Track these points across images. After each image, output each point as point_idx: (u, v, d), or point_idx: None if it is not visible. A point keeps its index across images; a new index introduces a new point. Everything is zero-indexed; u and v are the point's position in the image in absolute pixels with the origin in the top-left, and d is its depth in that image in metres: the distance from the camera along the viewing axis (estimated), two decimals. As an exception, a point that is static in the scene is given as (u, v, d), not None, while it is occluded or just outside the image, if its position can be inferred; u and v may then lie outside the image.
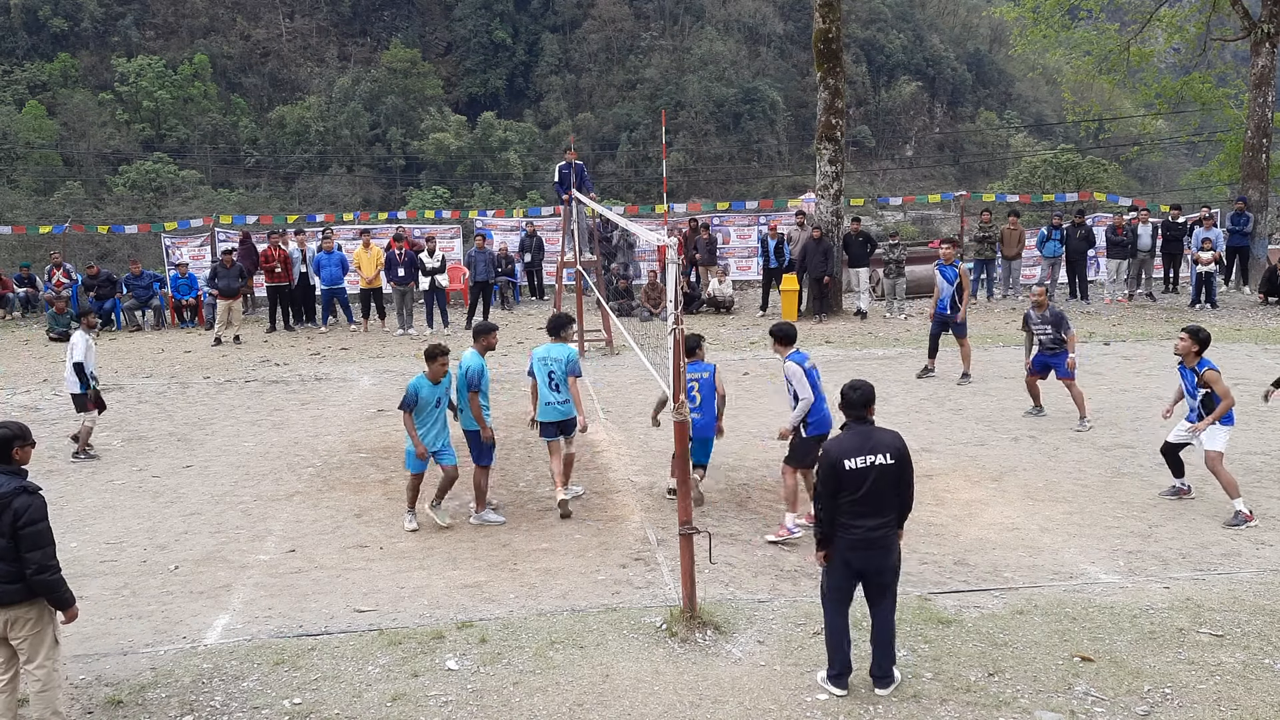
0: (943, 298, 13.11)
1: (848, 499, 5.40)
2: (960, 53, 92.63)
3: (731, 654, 6.09)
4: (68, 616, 5.32)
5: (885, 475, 5.40)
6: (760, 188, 66.12)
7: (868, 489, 5.37)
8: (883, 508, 5.43)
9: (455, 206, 45.12)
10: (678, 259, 6.22)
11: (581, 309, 15.22)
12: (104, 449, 11.08)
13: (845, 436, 5.54)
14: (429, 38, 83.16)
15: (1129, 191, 43.61)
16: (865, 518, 5.40)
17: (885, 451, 5.42)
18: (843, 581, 5.55)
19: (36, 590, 5.12)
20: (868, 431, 5.52)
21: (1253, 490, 8.80)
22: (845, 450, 5.43)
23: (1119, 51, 24.06)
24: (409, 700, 5.67)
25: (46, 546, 5.11)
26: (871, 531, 5.41)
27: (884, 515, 5.44)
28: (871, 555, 5.46)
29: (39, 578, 5.09)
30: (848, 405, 5.61)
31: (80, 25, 73.87)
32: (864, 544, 5.42)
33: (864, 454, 5.40)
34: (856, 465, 5.38)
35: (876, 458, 5.39)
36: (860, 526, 5.41)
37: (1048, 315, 11.12)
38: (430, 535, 8.26)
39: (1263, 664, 5.85)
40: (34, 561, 5.06)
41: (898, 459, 5.44)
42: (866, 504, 5.39)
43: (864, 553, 5.45)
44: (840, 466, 5.40)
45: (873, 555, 5.46)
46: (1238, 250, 20.27)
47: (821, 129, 18.79)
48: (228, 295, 17.41)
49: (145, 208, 53.29)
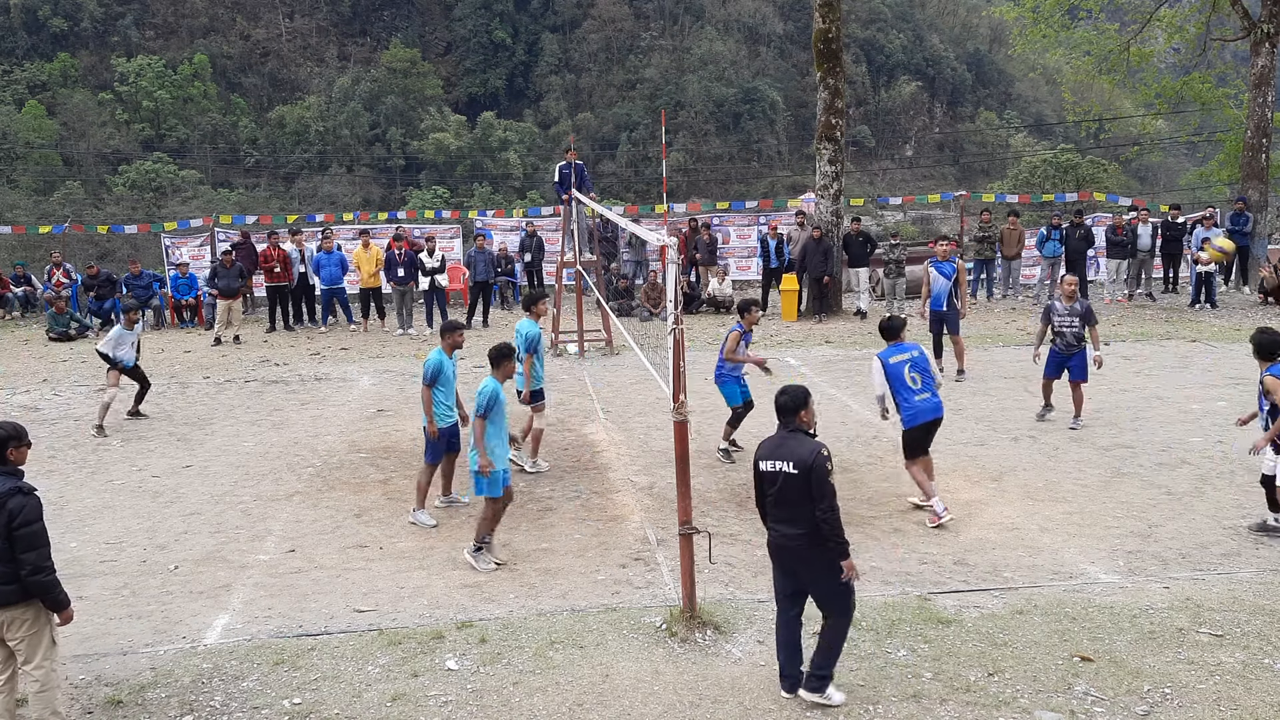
0: (938, 294, 12.91)
1: (767, 500, 5.58)
2: (960, 53, 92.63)
3: (731, 654, 6.10)
4: (63, 618, 5.28)
5: (790, 484, 5.43)
6: (760, 188, 66.13)
7: (777, 493, 5.49)
8: (795, 517, 5.43)
9: (455, 206, 45.13)
10: (678, 259, 6.22)
11: (581, 309, 15.23)
12: (104, 449, 11.08)
13: (769, 439, 5.68)
14: (429, 38, 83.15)
15: (1129, 191, 43.63)
16: (781, 522, 5.51)
17: (789, 460, 5.44)
18: (778, 580, 5.66)
19: (31, 591, 5.10)
20: (784, 438, 5.59)
21: (1252, 490, 8.79)
22: (763, 452, 5.62)
23: (1119, 51, 24.06)
24: (409, 700, 5.67)
25: (41, 548, 5.08)
26: (786, 538, 5.49)
27: (797, 525, 5.42)
28: (785, 561, 5.55)
29: (34, 579, 5.06)
30: (778, 410, 5.68)
31: (80, 25, 73.87)
32: (780, 547, 5.54)
33: (775, 459, 5.51)
34: (767, 468, 5.53)
35: (783, 465, 5.46)
36: (777, 529, 5.54)
37: (1076, 308, 10.79)
38: (430, 535, 8.26)
39: (1262, 664, 5.86)
40: (29, 563, 5.03)
41: (800, 470, 5.39)
42: (780, 508, 5.50)
43: (779, 555, 5.57)
44: (757, 466, 5.60)
45: (787, 561, 5.54)
46: (1238, 250, 20.25)
47: (821, 129, 18.79)
48: (228, 295, 17.41)
49: (145, 208, 53.29)
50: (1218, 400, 11.91)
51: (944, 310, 12.98)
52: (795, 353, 15.38)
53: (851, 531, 8.04)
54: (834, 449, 10.23)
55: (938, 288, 12.92)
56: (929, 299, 13.02)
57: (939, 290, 12.92)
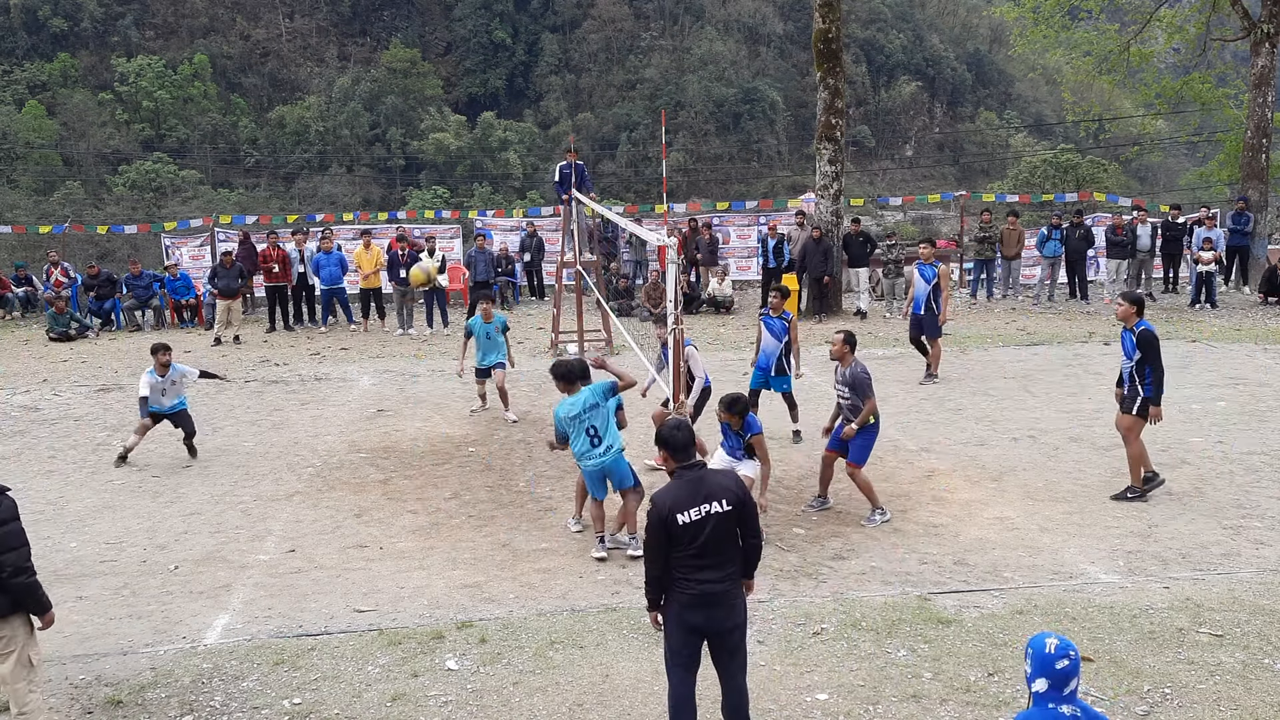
0: (917, 297, 12.90)
1: (682, 553, 4.79)
2: (960, 53, 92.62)
3: (731, 654, 6.09)
4: (45, 622, 5.10)
5: (722, 524, 4.80)
6: (760, 188, 66.10)
7: (704, 541, 4.76)
8: (723, 560, 4.83)
9: (455, 206, 45.09)
10: (678, 259, 6.21)
11: (581, 309, 15.22)
12: (104, 449, 11.08)
13: (674, 486, 4.88)
14: (429, 38, 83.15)
15: (1129, 191, 43.61)
16: (705, 570, 4.79)
17: (721, 498, 4.80)
18: (682, 645, 4.89)
19: (13, 593, 4.89)
20: (699, 478, 4.87)
21: (1252, 490, 8.81)
22: (678, 502, 4.78)
23: (1119, 52, 24.05)
24: (409, 700, 5.67)
25: (21, 548, 4.90)
26: (713, 585, 4.80)
27: (725, 568, 4.84)
28: (714, 613, 4.83)
29: (15, 581, 4.86)
30: (671, 448, 4.96)
31: (80, 25, 73.87)
32: (703, 600, 4.80)
33: (698, 504, 4.78)
34: (692, 518, 4.76)
35: (712, 506, 4.78)
36: (700, 582, 4.79)
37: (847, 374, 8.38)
38: (430, 535, 8.26)
39: (1262, 664, 5.85)
40: (9, 564, 4.84)
41: (735, 504, 4.83)
42: (705, 557, 4.78)
43: (705, 610, 4.82)
44: (672, 521, 4.74)
45: (715, 613, 4.83)
46: (1238, 250, 20.27)
47: (821, 129, 18.79)
48: (228, 295, 17.41)
49: (145, 208, 53.26)
50: (1218, 400, 11.91)
51: (921, 314, 12.98)
52: (795, 353, 15.37)
53: (851, 532, 8.08)
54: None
55: (918, 291, 12.92)
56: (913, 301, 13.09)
57: (918, 294, 12.91)
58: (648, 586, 5.00)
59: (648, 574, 4.97)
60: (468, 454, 10.51)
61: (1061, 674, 3.48)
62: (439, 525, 8.45)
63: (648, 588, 5.00)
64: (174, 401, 10.52)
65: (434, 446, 10.78)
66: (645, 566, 4.99)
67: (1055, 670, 3.48)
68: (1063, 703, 3.48)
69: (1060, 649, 3.49)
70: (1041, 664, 3.50)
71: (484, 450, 10.62)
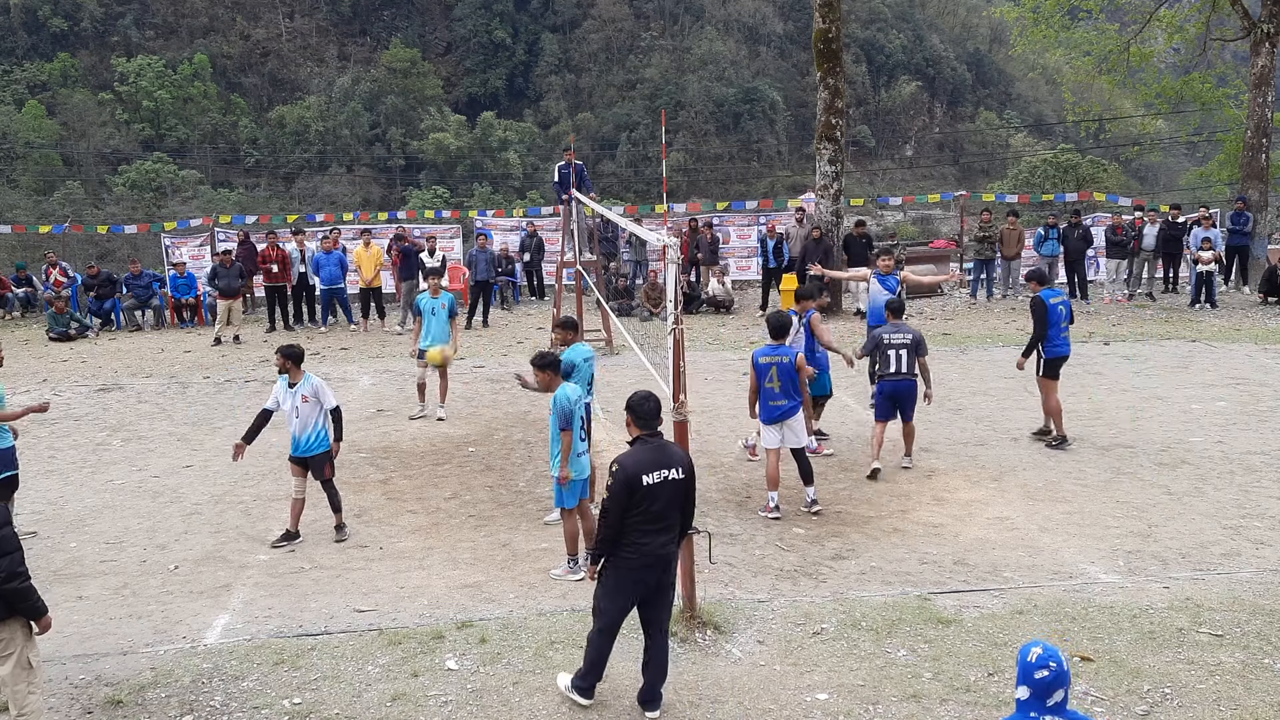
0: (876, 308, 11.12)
1: (638, 516, 5.27)
2: (960, 53, 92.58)
3: (731, 654, 6.09)
4: (41, 626, 5.07)
5: (677, 490, 5.35)
6: (760, 188, 66.03)
7: (661, 504, 5.29)
8: (669, 525, 5.38)
9: (455, 206, 45.08)
10: (679, 258, 6.21)
11: (581, 309, 15.22)
12: (104, 449, 11.08)
13: (640, 450, 5.38)
14: (429, 38, 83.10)
15: (1129, 191, 43.54)
16: (655, 534, 5.31)
17: (677, 466, 5.35)
18: (627, 602, 5.43)
19: (8, 599, 4.85)
20: (661, 445, 5.42)
21: (1252, 490, 8.81)
22: (642, 465, 5.29)
23: (1119, 51, 24.05)
24: (409, 700, 5.67)
25: (14, 552, 4.85)
26: (663, 548, 5.36)
27: (669, 531, 5.39)
28: (663, 572, 5.42)
29: (9, 586, 4.82)
30: (639, 417, 5.45)
31: (80, 25, 73.81)
32: (658, 561, 5.36)
33: (659, 469, 5.29)
34: (653, 480, 5.26)
35: (670, 472, 5.31)
36: (649, 544, 5.31)
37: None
38: (430, 535, 8.26)
39: (1262, 664, 5.86)
40: (2, 569, 4.80)
41: (688, 474, 5.40)
42: (658, 520, 5.30)
43: (656, 571, 5.38)
44: (637, 482, 5.24)
45: (664, 572, 5.42)
46: (1238, 250, 20.26)
47: (821, 129, 18.79)
48: (228, 295, 17.41)
49: (145, 208, 53.19)
50: (1218, 400, 11.91)
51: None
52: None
53: (851, 532, 8.08)
54: (834, 448, 10.32)
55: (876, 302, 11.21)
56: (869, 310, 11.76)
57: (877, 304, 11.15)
58: (601, 544, 5.36)
59: (604, 533, 5.33)
60: (468, 454, 10.51)
61: (1041, 684, 3.41)
62: (439, 525, 8.45)
63: (601, 545, 5.37)
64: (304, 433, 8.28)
65: (434, 446, 10.79)
66: (602, 525, 5.35)
67: (1035, 680, 3.42)
68: (1046, 713, 3.40)
69: (1042, 659, 3.42)
70: (1023, 672, 3.45)
71: (484, 450, 10.62)
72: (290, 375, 8.14)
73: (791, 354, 8.61)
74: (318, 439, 8.10)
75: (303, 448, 8.08)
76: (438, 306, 11.75)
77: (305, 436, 8.08)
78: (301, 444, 8.08)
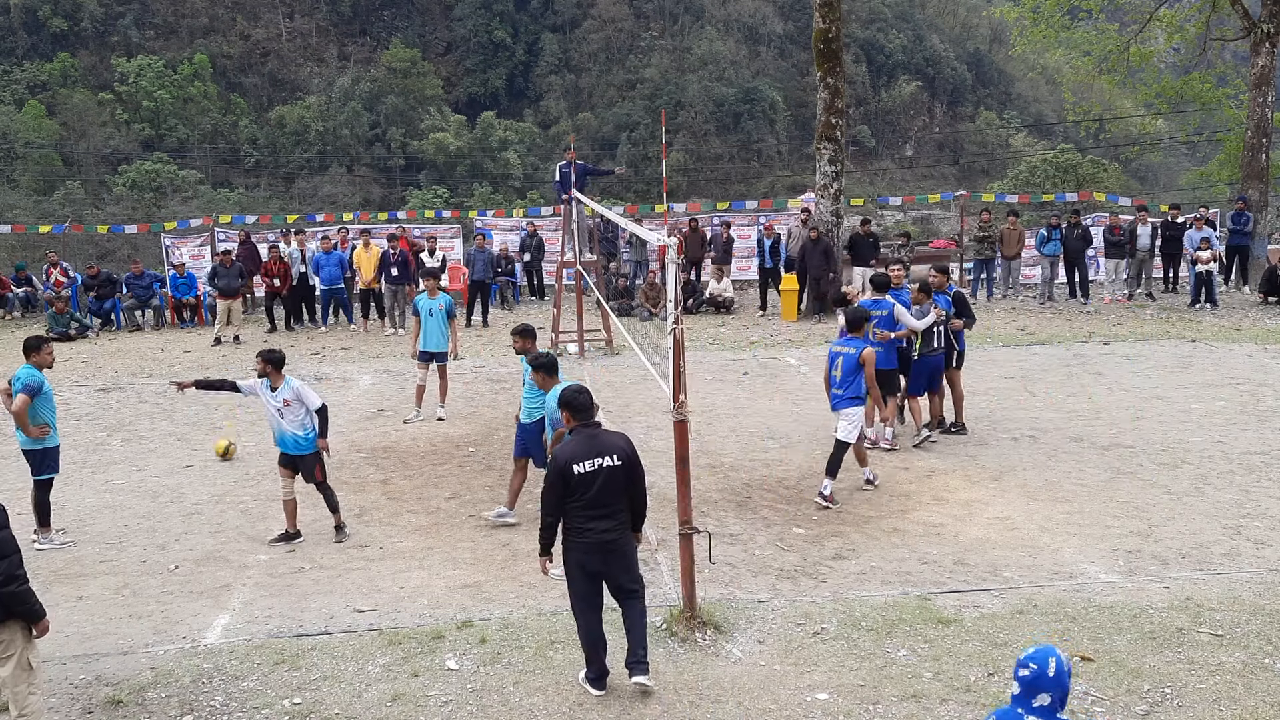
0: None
1: (577, 503, 5.48)
2: (960, 53, 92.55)
3: (731, 654, 6.09)
4: (39, 630, 5.04)
5: (614, 477, 5.51)
6: (760, 188, 65.99)
7: (596, 491, 5.46)
8: (614, 511, 5.54)
9: (455, 206, 45.07)
10: (678, 258, 6.22)
11: (581, 309, 15.23)
12: (104, 449, 11.08)
13: (573, 440, 5.61)
14: (429, 38, 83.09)
15: (1129, 191, 43.53)
16: (597, 519, 5.49)
17: (612, 454, 5.53)
18: (584, 587, 5.61)
19: (5, 602, 4.82)
20: (595, 434, 5.63)
21: (1252, 490, 8.81)
22: (575, 454, 5.51)
23: (1119, 51, 24.06)
24: (409, 700, 5.67)
25: (12, 555, 4.82)
26: (605, 534, 5.51)
27: (615, 518, 5.55)
28: (608, 558, 5.56)
29: (7, 589, 4.79)
30: (574, 410, 5.68)
31: (80, 25, 73.79)
32: (599, 547, 5.51)
33: (591, 458, 5.48)
34: (585, 469, 5.47)
35: (604, 460, 5.49)
36: (593, 529, 5.49)
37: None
38: (430, 535, 8.26)
39: (1262, 664, 5.85)
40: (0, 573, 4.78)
41: (625, 460, 5.56)
42: (596, 506, 5.47)
43: (600, 555, 5.53)
44: (569, 471, 5.46)
45: (610, 558, 5.57)
46: (1238, 250, 20.27)
47: (821, 129, 18.79)
48: (228, 295, 17.41)
49: (145, 208, 53.18)
50: (1218, 400, 11.91)
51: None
52: (795, 352, 15.38)
53: (851, 532, 8.08)
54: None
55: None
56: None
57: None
58: (542, 533, 5.68)
59: (543, 520, 5.65)
60: (468, 454, 10.51)
61: (1024, 682, 3.42)
62: (439, 525, 8.46)
63: (542, 534, 5.68)
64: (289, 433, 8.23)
65: (434, 446, 10.79)
66: (541, 514, 5.66)
67: (1018, 677, 3.45)
68: (1030, 713, 3.40)
69: (1025, 659, 3.45)
70: (1015, 665, 3.50)
71: (484, 450, 10.62)
72: (271, 379, 8.04)
73: (859, 347, 8.77)
74: (307, 439, 8.10)
75: (291, 446, 8.09)
76: (435, 308, 11.74)
77: (293, 436, 8.08)
78: (289, 442, 8.07)
